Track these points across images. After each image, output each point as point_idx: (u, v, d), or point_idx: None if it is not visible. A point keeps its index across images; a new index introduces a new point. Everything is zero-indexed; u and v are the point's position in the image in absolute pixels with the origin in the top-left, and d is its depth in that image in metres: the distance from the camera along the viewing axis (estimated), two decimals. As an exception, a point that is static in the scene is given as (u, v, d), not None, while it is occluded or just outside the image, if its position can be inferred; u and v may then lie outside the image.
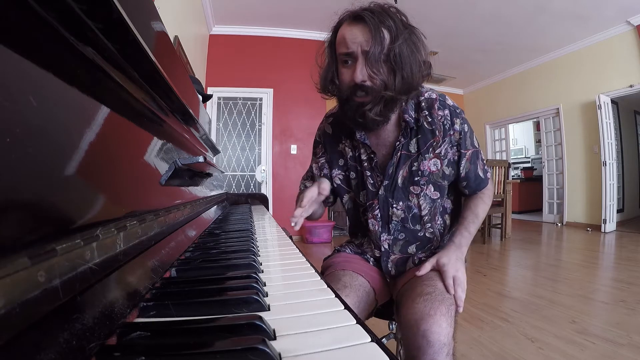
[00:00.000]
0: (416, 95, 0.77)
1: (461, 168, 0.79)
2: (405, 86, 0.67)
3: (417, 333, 0.58)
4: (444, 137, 0.76)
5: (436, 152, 0.77)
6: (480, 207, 0.81)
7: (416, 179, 0.78)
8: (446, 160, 0.78)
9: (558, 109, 4.90)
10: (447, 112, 0.75)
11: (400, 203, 0.80)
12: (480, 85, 6.24)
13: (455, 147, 0.77)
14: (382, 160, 0.81)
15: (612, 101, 4.34)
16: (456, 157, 0.78)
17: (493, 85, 6.01)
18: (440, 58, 4.85)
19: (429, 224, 0.81)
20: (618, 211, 4.53)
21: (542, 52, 4.87)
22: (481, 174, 0.81)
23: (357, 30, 0.66)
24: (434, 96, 0.76)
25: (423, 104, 0.76)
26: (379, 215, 0.82)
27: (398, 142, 0.77)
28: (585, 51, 4.49)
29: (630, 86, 4.03)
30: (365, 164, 0.82)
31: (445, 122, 0.75)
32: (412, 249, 0.82)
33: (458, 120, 0.76)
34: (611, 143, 4.27)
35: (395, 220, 0.81)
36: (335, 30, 0.71)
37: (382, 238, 0.82)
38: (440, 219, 0.83)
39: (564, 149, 4.84)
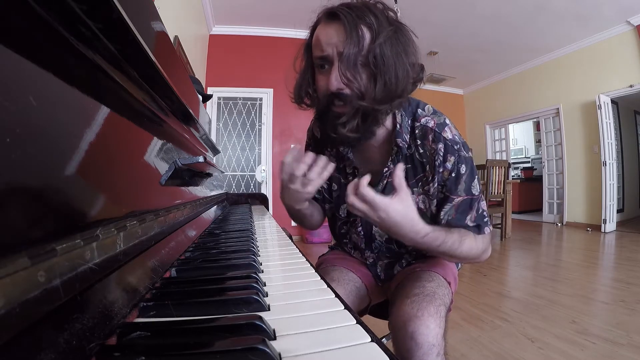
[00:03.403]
0: (412, 119, 0.66)
1: (442, 213, 0.66)
2: (386, 94, 0.56)
3: (406, 335, 0.57)
4: (434, 175, 0.65)
5: (425, 188, 0.67)
6: (466, 245, 0.62)
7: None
8: (435, 200, 0.67)
9: (558, 109, 4.90)
10: (440, 145, 0.63)
11: None
12: (480, 85, 6.23)
13: (441, 186, 0.65)
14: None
15: (612, 101, 4.34)
16: (441, 197, 0.66)
17: (493, 85, 6.01)
18: (440, 58, 4.86)
19: (415, 252, 0.78)
20: (618, 211, 4.53)
21: (542, 52, 4.87)
22: (470, 225, 0.65)
23: (332, 29, 0.56)
24: (431, 125, 0.65)
25: (417, 130, 0.65)
26: (362, 232, 0.77)
27: (386, 169, 0.68)
28: (585, 51, 4.49)
29: (630, 86, 4.03)
30: (350, 177, 0.75)
31: (436, 158, 0.64)
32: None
33: (452, 158, 0.63)
34: (611, 143, 4.27)
35: (379, 240, 0.76)
36: (312, 31, 0.62)
37: (366, 254, 0.80)
38: None
39: (564, 149, 4.84)
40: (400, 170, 0.54)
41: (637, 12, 3.74)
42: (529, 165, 7.27)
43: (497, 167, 3.62)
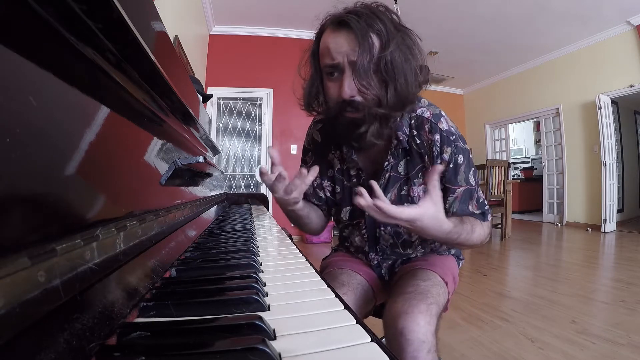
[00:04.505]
0: (410, 111, 0.68)
1: (447, 205, 0.68)
2: (399, 99, 0.59)
3: (396, 331, 0.57)
4: (433, 165, 0.66)
5: (425, 179, 0.68)
6: (477, 233, 0.67)
7: (405, 204, 0.66)
8: None
9: (558, 109, 4.90)
10: (437, 137, 0.65)
11: (389, 228, 0.75)
12: (480, 85, 6.23)
13: (441, 177, 0.66)
14: (370, 178, 0.74)
15: (612, 101, 4.34)
16: (441, 188, 0.67)
17: (493, 85, 6.01)
18: (440, 58, 4.85)
19: (420, 246, 0.79)
20: (618, 211, 4.53)
21: (542, 52, 4.87)
22: (476, 212, 0.70)
23: (342, 38, 0.57)
24: (427, 115, 0.66)
25: (413, 121, 0.67)
26: (367, 235, 0.78)
27: (387, 163, 0.70)
28: (585, 51, 4.49)
29: (630, 86, 4.03)
30: (354, 179, 0.76)
31: (434, 149, 0.66)
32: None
33: (449, 149, 0.65)
34: (611, 143, 4.27)
35: (384, 244, 0.77)
36: (318, 38, 0.63)
37: (370, 256, 0.80)
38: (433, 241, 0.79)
39: (564, 149, 4.84)
40: (435, 174, 0.55)
41: (637, 12, 3.74)
42: (529, 165, 7.28)
43: (497, 167, 3.62)
